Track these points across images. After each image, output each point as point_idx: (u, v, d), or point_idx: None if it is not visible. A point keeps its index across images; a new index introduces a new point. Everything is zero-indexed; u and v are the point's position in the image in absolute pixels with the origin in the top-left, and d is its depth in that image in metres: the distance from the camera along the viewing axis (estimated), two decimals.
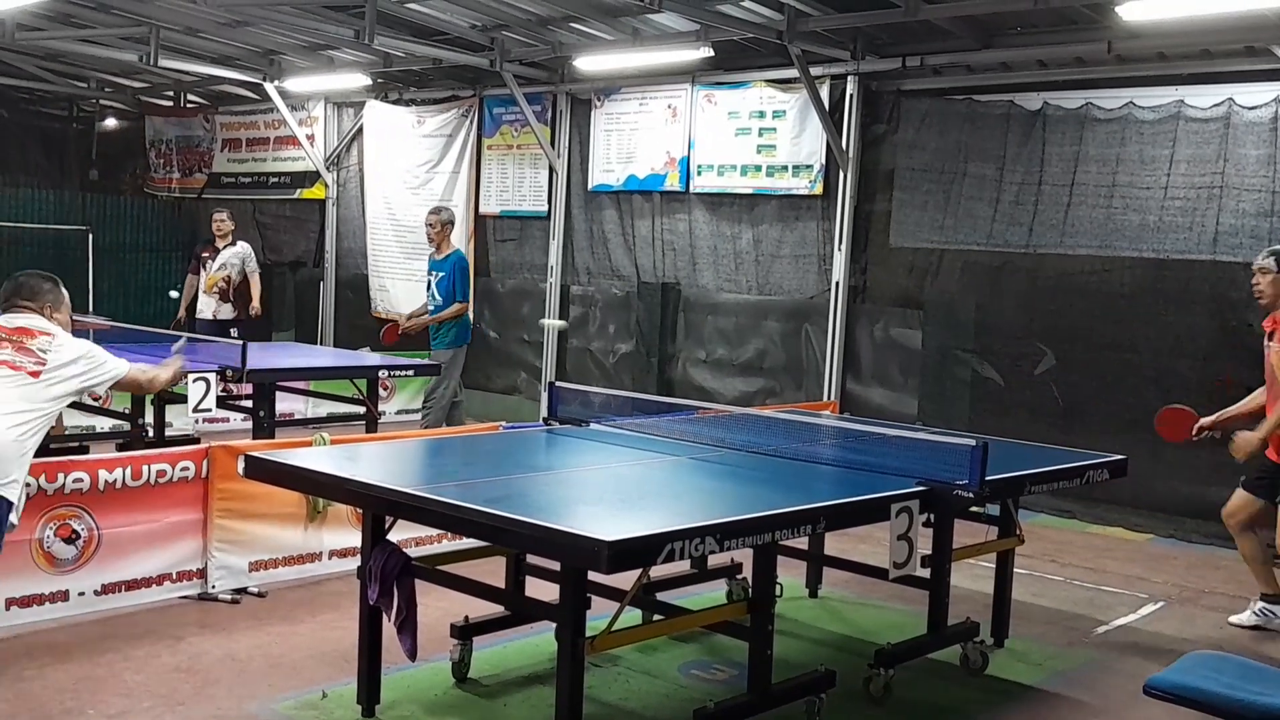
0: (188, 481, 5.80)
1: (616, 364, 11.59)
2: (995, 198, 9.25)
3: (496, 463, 5.11)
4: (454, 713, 4.66)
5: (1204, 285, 8.31)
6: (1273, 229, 8.03)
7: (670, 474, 4.88)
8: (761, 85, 10.41)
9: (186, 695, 4.68)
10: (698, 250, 10.99)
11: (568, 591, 3.84)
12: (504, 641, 5.24)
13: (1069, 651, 5.80)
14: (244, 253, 11.33)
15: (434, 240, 9.74)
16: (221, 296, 11.18)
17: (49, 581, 5.32)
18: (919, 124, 9.66)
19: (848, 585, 6.46)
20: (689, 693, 4.92)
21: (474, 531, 4.02)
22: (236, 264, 11.24)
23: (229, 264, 11.20)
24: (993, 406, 9.00)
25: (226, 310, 11.19)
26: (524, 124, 11.96)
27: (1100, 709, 5.04)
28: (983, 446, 4.53)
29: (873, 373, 10.02)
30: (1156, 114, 8.51)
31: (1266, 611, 6.21)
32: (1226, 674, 3.66)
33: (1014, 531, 5.74)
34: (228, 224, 11.36)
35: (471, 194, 12.66)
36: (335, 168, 14.22)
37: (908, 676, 5.09)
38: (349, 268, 14.17)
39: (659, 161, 11.14)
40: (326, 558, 6.35)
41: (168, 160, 16.22)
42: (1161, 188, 8.49)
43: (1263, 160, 8.08)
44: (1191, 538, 8.23)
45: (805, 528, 4.12)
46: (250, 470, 4.67)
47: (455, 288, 9.56)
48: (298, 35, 11.30)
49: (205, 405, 7.27)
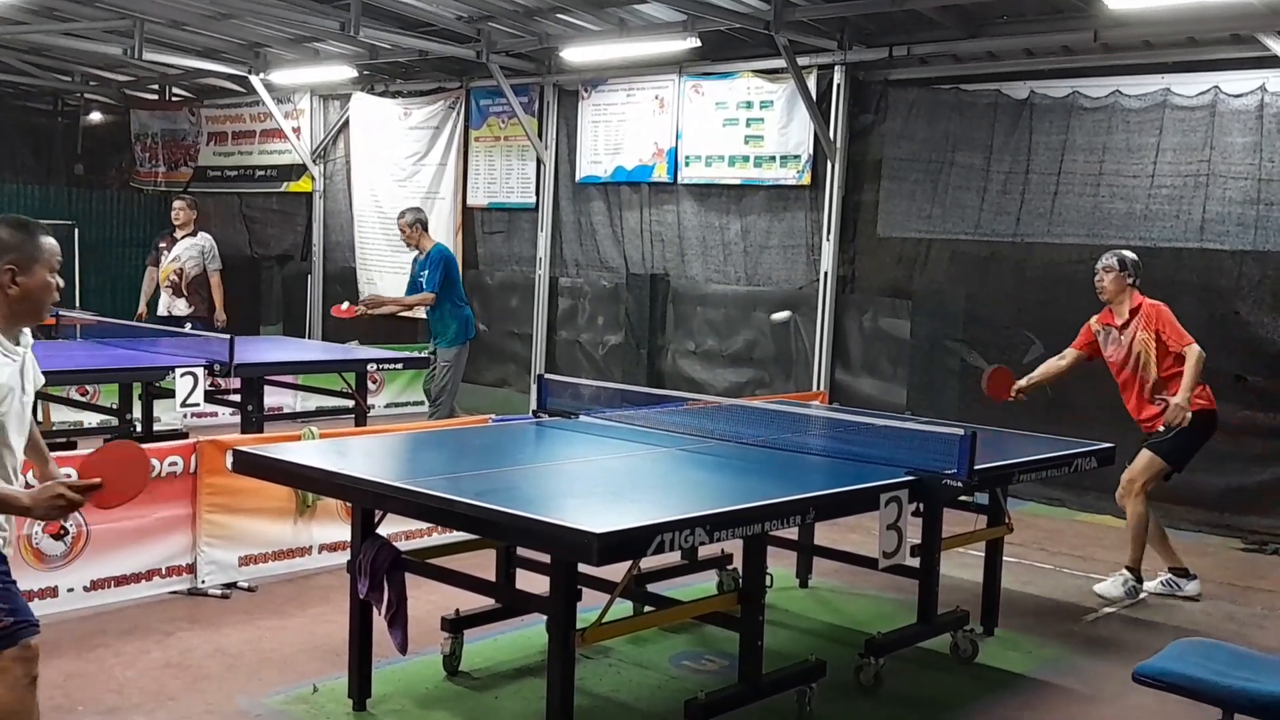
0: (176, 476, 5.79)
1: (606, 356, 11.59)
2: (983, 187, 9.26)
3: (486, 456, 5.10)
4: (445, 706, 4.66)
5: (1191, 273, 8.33)
6: (1259, 216, 8.06)
7: (660, 465, 4.88)
8: (749, 76, 10.40)
9: (177, 690, 4.67)
10: (686, 241, 10.98)
11: (558, 584, 3.85)
12: (495, 634, 5.24)
13: (1059, 639, 5.82)
14: (204, 245, 10.54)
15: (410, 242, 9.34)
16: (174, 291, 10.48)
17: (38, 578, 5.31)
18: (906, 114, 9.66)
19: (838, 575, 6.47)
20: (680, 684, 4.93)
21: (464, 525, 4.02)
22: (194, 256, 10.47)
23: (183, 256, 10.45)
24: (981, 396, 8.96)
25: (181, 306, 10.44)
26: (511, 116, 11.94)
27: (1090, 696, 5.06)
28: (971, 436, 4.54)
29: (862, 363, 10.03)
30: (1143, 102, 8.52)
31: (1173, 583, 6.65)
32: (1215, 660, 3.68)
33: (1003, 520, 5.76)
34: (186, 212, 10.56)
35: (459, 186, 12.63)
36: (322, 161, 14.17)
37: (898, 666, 5.11)
38: (336, 261, 14.13)
39: (647, 153, 11.13)
40: (316, 552, 6.35)
41: (153, 154, 16.15)
42: (1148, 176, 8.50)
43: (1248, 148, 8.10)
44: (1180, 525, 8.24)
45: (795, 518, 4.12)
46: (239, 465, 4.65)
47: (429, 281, 9.13)
48: (283, 28, 11.25)
49: (193, 400, 7.26)
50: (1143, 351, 6.53)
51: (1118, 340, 6.64)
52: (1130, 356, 6.57)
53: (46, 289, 3.29)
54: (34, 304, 3.29)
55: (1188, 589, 6.60)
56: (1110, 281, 6.61)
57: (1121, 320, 6.63)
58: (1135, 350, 6.55)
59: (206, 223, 14.87)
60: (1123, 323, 6.62)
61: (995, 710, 4.90)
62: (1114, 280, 6.60)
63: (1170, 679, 3.57)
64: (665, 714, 4.62)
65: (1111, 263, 6.64)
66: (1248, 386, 8.12)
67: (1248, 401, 8.11)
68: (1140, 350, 6.53)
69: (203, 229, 10.88)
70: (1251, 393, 8.10)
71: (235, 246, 14.98)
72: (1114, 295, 6.63)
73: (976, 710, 4.89)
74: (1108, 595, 6.49)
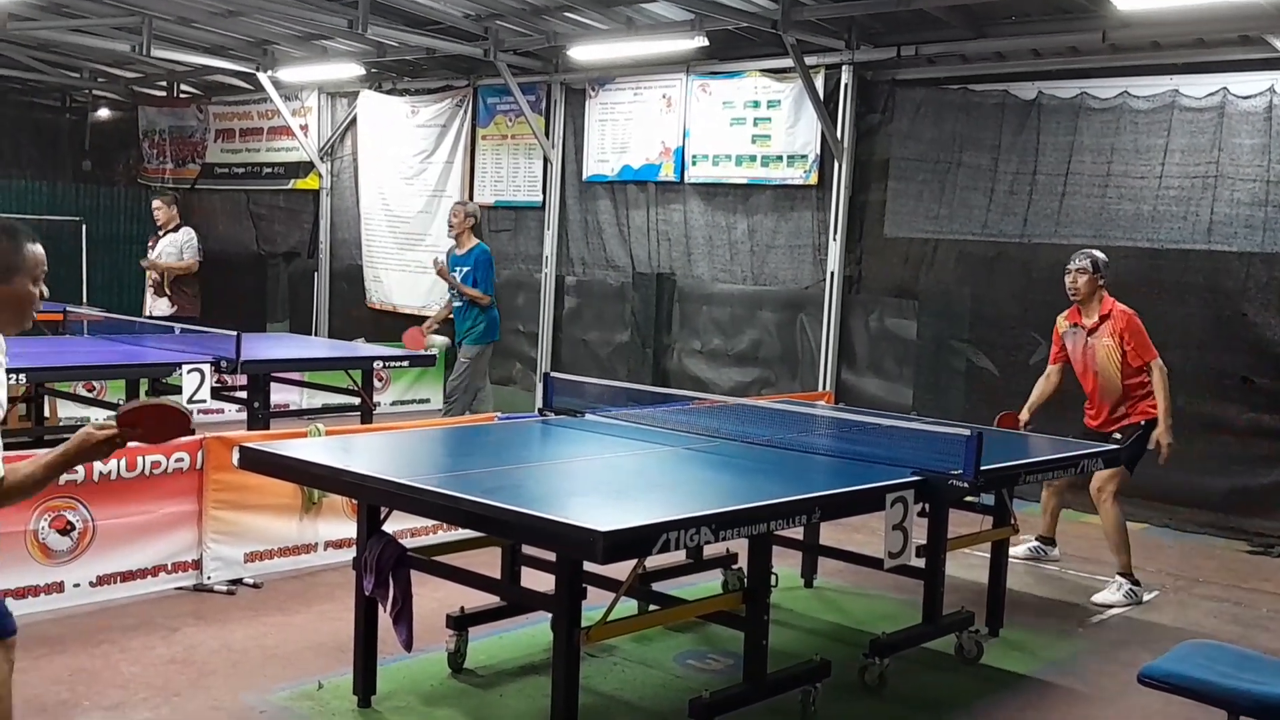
0: (183, 473, 5.80)
1: (612, 354, 11.59)
2: (990, 188, 9.25)
3: (492, 453, 5.11)
4: (450, 703, 4.66)
5: (1198, 275, 8.32)
6: (1267, 218, 8.05)
7: (665, 464, 4.88)
8: (756, 75, 10.40)
9: (182, 686, 4.68)
10: (693, 241, 10.98)
11: (563, 582, 3.85)
12: (500, 632, 5.25)
13: (1064, 641, 5.81)
14: (182, 240, 10.43)
15: (457, 232, 9.36)
16: (156, 290, 10.45)
17: (44, 573, 5.33)
18: (914, 114, 9.65)
19: (843, 575, 6.47)
20: (684, 683, 4.93)
21: (469, 522, 4.02)
22: (173, 253, 10.40)
23: (164, 254, 10.42)
24: (987, 396, 9.00)
25: (163, 306, 10.37)
26: (518, 114, 11.94)
27: (1095, 698, 5.06)
28: (977, 436, 4.54)
29: (868, 363, 10.03)
30: (1151, 103, 8.51)
31: (1040, 550, 7.28)
32: (1220, 662, 3.67)
33: (1009, 521, 5.75)
34: (165, 211, 10.51)
35: (466, 184, 12.63)
36: (329, 158, 14.19)
37: (903, 666, 5.11)
38: (343, 258, 14.15)
39: (654, 151, 11.13)
40: (322, 549, 6.36)
41: (161, 151, 16.18)
42: (1156, 177, 8.49)
43: (1257, 149, 8.08)
44: (1186, 527, 8.26)
45: (800, 518, 4.12)
46: (245, 461, 4.66)
47: (480, 279, 9.23)
48: (291, 25, 11.26)
49: (200, 396, 7.27)
50: (1106, 359, 6.63)
51: (1085, 342, 6.74)
52: (1095, 361, 6.68)
53: (28, 298, 3.23)
54: (14, 313, 3.24)
55: (1053, 554, 7.26)
56: (1084, 283, 6.70)
57: (1091, 323, 6.72)
58: (1100, 355, 6.66)
59: (211, 219, 14.99)
60: (1091, 325, 6.71)
61: (999, 711, 4.89)
62: (1087, 282, 6.69)
63: (1176, 681, 3.56)
64: (669, 713, 4.62)
65: (1084, 264, 6.71)
66: (1254, 388, 8.11)
67: (1254, 403, 8.10)
68: (1104, 356, 6.64)
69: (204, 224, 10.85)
70: (1258, 394, 8.09)
71: (242, 243, 15.03)
72: (1087, 296, 6.72)
73: (981, 711, 4.89)
74: (1108, 603, 6.46)
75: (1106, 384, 6.66)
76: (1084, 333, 6.74)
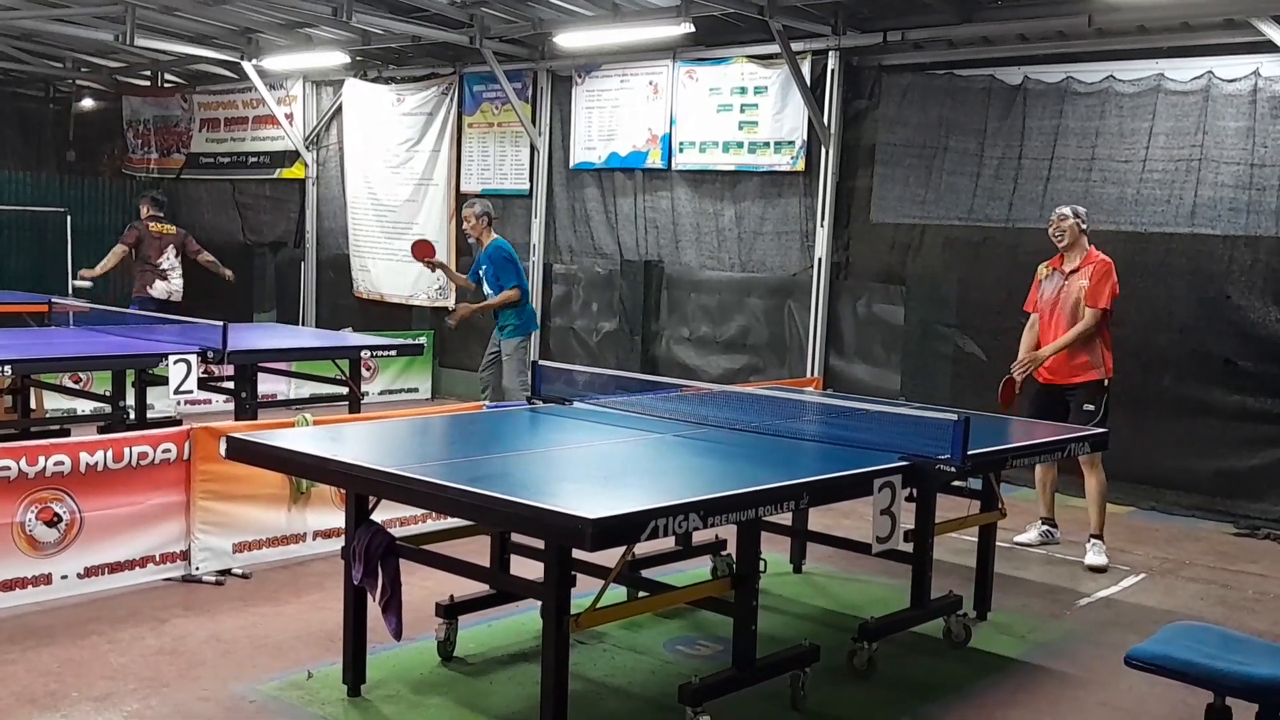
0: (170, 463, 5.78)
1: (600, 342, 11.59)
2: (976, 172, 9.26)
3: (480, 442, 5.10)
4: (440, 691, 4.67)
5: (1182, 258, 8.34)
6: (1250, 201, 8.07)
7: (654, 451, 4.88)
8: (743, 61, 10.38)
9: (171, 677, 4.67)
10: (680, 228, 10.97)
11: (552, 569, 3.85)
12: (489, 620, 5.26)
13: (1051, 624, 5.84)
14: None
15: (473, 233, 9.30)
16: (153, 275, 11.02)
17: (31, 565, 5.31)
18: (900, 99, 9.66)
19: (831, 560, 6.49)
20: (674, 668, 4.94)
21: (458, 511, 4.02)
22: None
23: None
24: (975, 381, 9.02)
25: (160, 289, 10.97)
26: (504, 102, 11.90)
27: (1083, 680, 5.08)
28: (965, 421, 4.55)
29: (855, 348, 10.05)
30: (1136, 87, 8.52)
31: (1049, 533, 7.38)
32: (1207, 644, 3.69)
33: (996, 505, 5.77)
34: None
35: (452, 172, 12.60)
36: (315, 147, 14.13)
37: (891, 650, 5.13)
38: (330, 248, 14.11)
39: (641, 139, 11.11)
40: (310, 538, 6.36)
41: (146, 141, 16.10)
42: (1140, 161, 8.51)
43: (1241, 133, 8.10)
44: (1172, 510, 8.30)
45: (789, 503, 4.13)
46: (233, 452, 4.64)
47: (500, 276, 9.13)
48: (275, 13, 11.20)
49: (186, 387, 7.26)
50: (1079, 301, 6.94)
51: (1062, 283, 7.05)
52: (1067, 303, 6.97)
53: None
54: None
55: (1059, 535, 7.34)
56: (1069, 227, 7.03)
57: (1072, 267, 7.04)
58: (1073, 297, 6.96)
59: (197, 209, 14.97)
60: (1072, 269, 7.03)
61: (988, 694, 4.92)
62: (1071, 228, 7.03)
63: (1162, 662, 3.58)
64: (659, 699, 4.64)
65: (1066, 212, 7.08)
66: (1238, 371, 8.14)
67: (1238, 386, 8.14)
68: (1078, 299, 6.95)
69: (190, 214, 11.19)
70: (1242, 377, 8.13)
71: (228, 233, 14.96)
72: (1072, 241, 7.05)
73: (969, 694, 4.91)
74: (1094, 565, 6.80)
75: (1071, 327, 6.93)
76: (1062, 276, 7.05)
